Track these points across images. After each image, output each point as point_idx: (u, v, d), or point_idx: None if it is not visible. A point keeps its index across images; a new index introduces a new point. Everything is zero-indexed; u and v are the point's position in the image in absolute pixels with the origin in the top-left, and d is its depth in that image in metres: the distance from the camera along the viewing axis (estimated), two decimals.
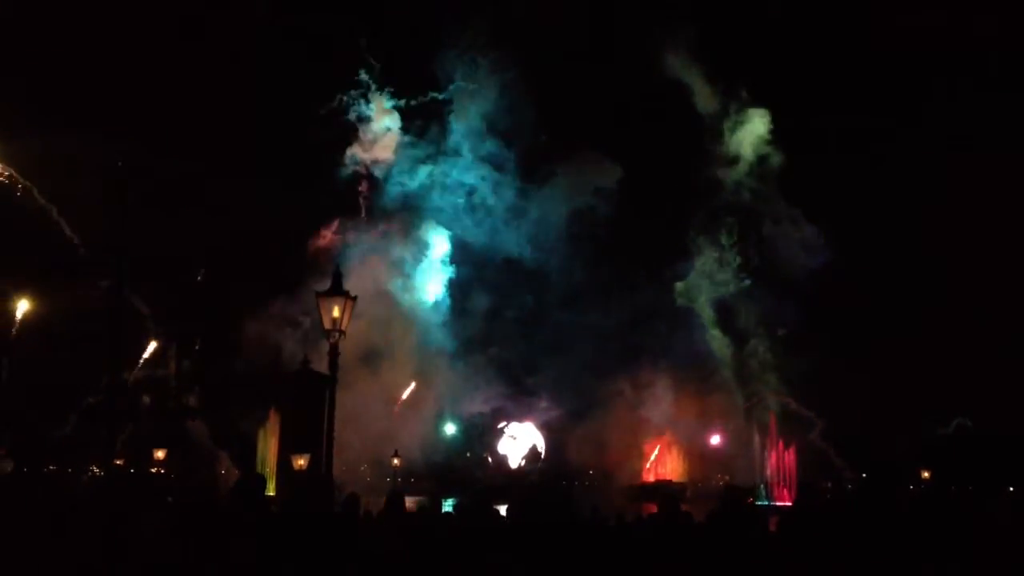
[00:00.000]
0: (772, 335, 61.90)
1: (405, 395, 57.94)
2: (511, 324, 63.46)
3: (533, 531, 9.61)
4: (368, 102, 60.17)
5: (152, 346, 55.41)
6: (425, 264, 60.82)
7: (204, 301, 56.49)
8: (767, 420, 58.82)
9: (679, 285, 63.21)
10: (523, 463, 65.70)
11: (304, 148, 58.64)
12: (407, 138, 60.88)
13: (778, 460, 56.96)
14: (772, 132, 60.73)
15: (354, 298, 14.06)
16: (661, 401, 60.42)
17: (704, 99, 61.78)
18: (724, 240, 62.65)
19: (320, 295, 14.02)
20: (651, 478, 61.41)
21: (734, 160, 62.15)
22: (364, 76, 59.82)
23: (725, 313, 63.85)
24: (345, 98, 59.50)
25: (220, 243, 54.44)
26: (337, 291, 13.95)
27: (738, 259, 62.97)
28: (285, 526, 8.86)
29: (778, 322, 61.59)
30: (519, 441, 66.16)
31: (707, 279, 63.15)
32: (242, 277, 55.86)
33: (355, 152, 60.11)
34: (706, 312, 63.62)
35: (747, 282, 63.00)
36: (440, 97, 60.42)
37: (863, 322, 57.80)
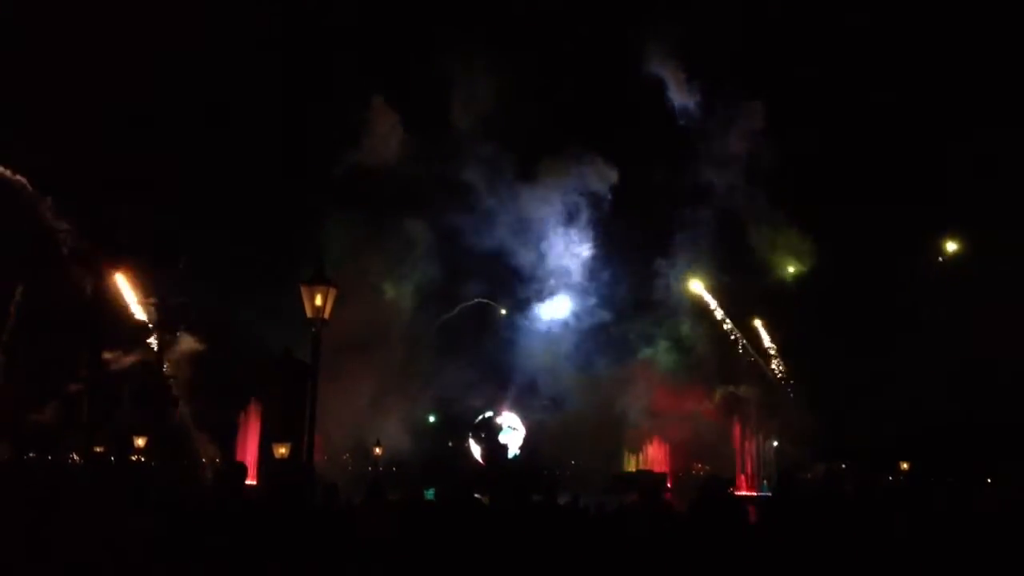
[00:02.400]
0: (753, 330, 62.36)
1: None
2: (497, 316, 63.72)
3: (515, 519, 9.66)
4: (368, 103, 60.43)
5: (136, 333, 55.16)
6: (414, 257, 61.05)
7: (189, 289, 56.41)
8: (747, 411, 59.17)
9: (663, 279, 63.60)
10: (519, 452, 66.06)
11: (299, 143, 58.79)
12: (405, 136, 61.03)
13: (758, 451, 57.35)
14: (765, 129, 60.25)
15: (336, 286, 14.02)
16: (642, 392, 60.71)
17: (689, 96, 61.60)
18: (708, 237, 62.74)
19: (303, 283, 13.97)
20: (631, 468, 61.70)
21: (723, 159, 61.94)
22: (363, 77, 60.02)
23: (707, 308, 64.25)
24: (345, 101, 59.83)
25: (207, 231, 54.37)
26: (320, 279, 13.91)
27: (720, 257, 63.24)
28: (265, 516, 8.86)
29: (761, 318, 62.10)
30: (518, 431, 66.61)
31: (691, 274, 63.44)
32: (228, 265, 55.88)
33: (351, 150, 60.28)
34: (688, 306, 63.98)
35: (729, 279, 63.45)
36: (439, 95, 60.35)
37: (850, 317, 57.91)
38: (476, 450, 66.70)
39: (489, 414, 66.40)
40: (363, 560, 9.15)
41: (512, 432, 66.84)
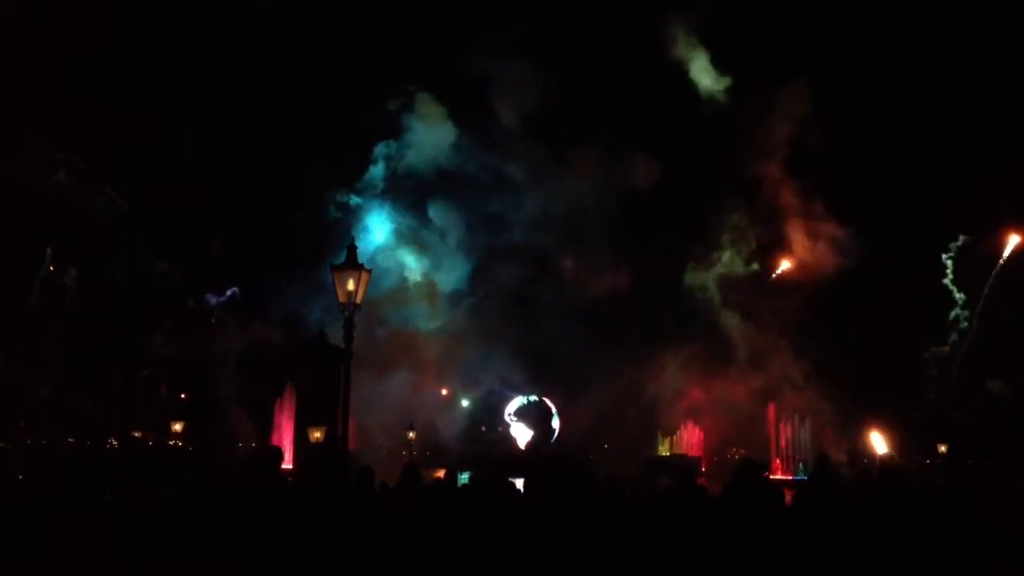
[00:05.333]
0: (790, 317, 61.76)
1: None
2: (529, 302, 63.81)
3: (549, 503, 9.63)
4: (411, 100, 61.17)
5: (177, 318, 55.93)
6: (450, 244, 61.69)
7: (226, 272, 57.16)
8: (783, 395, 58.61)
9: (693, 269, 63.54)
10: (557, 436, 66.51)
11: (343, 137, 59.58)
12: (446, 128, 61.68)
13: (793, 434, 56.84)
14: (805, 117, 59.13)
15: (369, 271, 14.03)
16: (677, 376, 60.46)
17: (722, 82, 60.87)
18: (742, 226, 62.24)
19: (335, 267, 14.00)
20: (665, 452, 61.55)
21: (759, 149, 61.06)
22: (408, 79, 60.97)
23: (741, 296, 63.82)
24: (391, 105, 60.70)
25: (244, 217, 55.08)
26: (352, 264, 13.93)
27: (755, 245, 62.87)
28: (300, 498, 8.90)
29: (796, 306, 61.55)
30: (555, 416, 67.03)
31: (726, 261, 63.06)
32: (265, 250, 56.61)
33: (390, 141, 61.19)
34: (720, 296, 63.68)
35: (759, 268, 63.20)
36: (480, 91, 60.75)
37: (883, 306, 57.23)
38: (524, 434, 66.82)
39: (533, 398, 66.82)
40: (397, 541, 9.17)
41: (555, 417, 67.34)
